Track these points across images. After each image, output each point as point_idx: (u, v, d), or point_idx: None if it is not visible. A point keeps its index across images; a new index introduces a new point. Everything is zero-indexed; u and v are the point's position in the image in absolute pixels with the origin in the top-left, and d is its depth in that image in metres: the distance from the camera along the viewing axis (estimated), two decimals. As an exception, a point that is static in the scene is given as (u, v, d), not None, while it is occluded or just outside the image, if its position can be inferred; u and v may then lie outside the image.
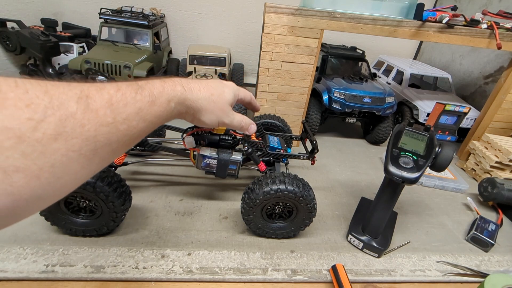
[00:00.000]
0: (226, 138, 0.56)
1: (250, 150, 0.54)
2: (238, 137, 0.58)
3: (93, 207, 0.48)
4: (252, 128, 0.45)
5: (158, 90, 0.28)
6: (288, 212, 0.53)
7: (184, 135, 0.54)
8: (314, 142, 0.60)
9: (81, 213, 0.48)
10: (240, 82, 1.28)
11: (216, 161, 0.54)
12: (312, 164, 0.63)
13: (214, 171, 0.56)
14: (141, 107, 0.25)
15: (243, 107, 0.89)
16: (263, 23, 0.74)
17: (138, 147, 0.58)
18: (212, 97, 0.37)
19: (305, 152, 0.64)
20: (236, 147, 0.58)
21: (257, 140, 0.62)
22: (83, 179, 0.21)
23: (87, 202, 0.48)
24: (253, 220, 0.51)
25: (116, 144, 0.22)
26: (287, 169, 0.69)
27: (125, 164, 0.59)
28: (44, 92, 0.18)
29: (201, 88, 0.35)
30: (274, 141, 0.63)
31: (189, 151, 0.55)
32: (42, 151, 0.17)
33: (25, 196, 0.17)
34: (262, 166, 0.57)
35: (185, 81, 0.33)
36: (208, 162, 0.54)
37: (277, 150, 0.61)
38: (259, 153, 0.59)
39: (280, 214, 0.53)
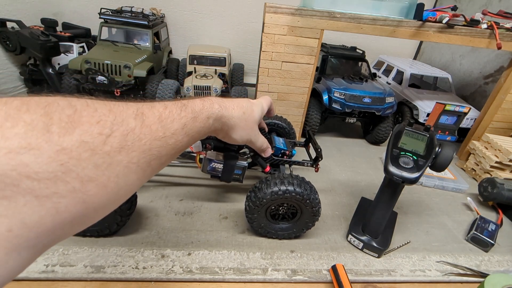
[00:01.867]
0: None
1: (255, 155, 0.54)
2: None
3: None
4: (268, 152, 0.48)
5: (199, 108, 0.30)
6: (292, 213, 0.53)
7: None
8: (319, 150, 0.60)
9: None
10: (240, 82, 1.28)
11: (222, 165, 0.54)
12: (316, 171, 0.63)
13: (220, 175, 0.55)
14: (186, 123, 0.27)
15: None
16: (263, 23, 0.74)
17: None
18: (244, 116, 0.39)
19: (308, 158, 0.64)
20: (241, 151, 0.58)
21: None
22: (135, 189, 0.23)
23: None
24: (257, 219, 0.51)
25: (165, 157, 0.24)
26: (291, 170, 0.69)
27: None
28: (109, 111, 0.20)
29: (234, 106, 0.38)
30: (279, 142, 0.63)
31: (195, 154, 0.55)
32: (110, 162, 0.19)
33: (94, 205, 0.19)
34: (267, 167, 0.57)
35: (221, 100, 0.36)
36: (214, 166, 0.54)
37: (282, 151, 0.61)
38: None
39: (283, 215, 0.53)
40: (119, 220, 0.48)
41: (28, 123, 0.15)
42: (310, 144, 0.67)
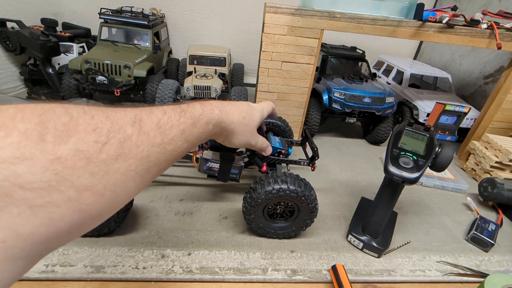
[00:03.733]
0: None
1: (252, 155, 0.54)
2: None
3: None
4: (269, 150, 0.48)
5: (198, 113, 0.30)
6: (290, 212, 0.53)
7: None
8: (315, 149, 0.60)
9: None
10: (240, 82, 1.28)
11: (218, 165, 0.54)
12: (312, 170, 0.63)
13: (216, 174, 0.55)
14: (185, 129, 0.27)
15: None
16: (263, 23, 0.74)
17: None
18: (244, 121, 0.39)
19: (305, 157, 0.64)
20: (238, 151, 0.58)
21: None
22: (134, 196, 0.23)
23: None
24: (255, 219, 0.51)
25: (164, 163, 0.25)
26: (288, 169, 0.69)
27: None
28: (106, 117, 0.20)
29: (235, 111, 0.38)
30: (275, 141, 0.63)
31: (191, 154, 0.55)
32: (106, 171, 0.19)
33: (91, 213, 0.19)
34: (264, 166, 0.57)
35: (221, 105, 0.36)
36: (210, 165, 0.54)
37: (278, 150, 0.61)
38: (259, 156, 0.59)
39: (281, 214, 0.53)
40: (116, 217, 0.48)
41: (22, 133, 0.15)
42: (307, 143, 0.67)
